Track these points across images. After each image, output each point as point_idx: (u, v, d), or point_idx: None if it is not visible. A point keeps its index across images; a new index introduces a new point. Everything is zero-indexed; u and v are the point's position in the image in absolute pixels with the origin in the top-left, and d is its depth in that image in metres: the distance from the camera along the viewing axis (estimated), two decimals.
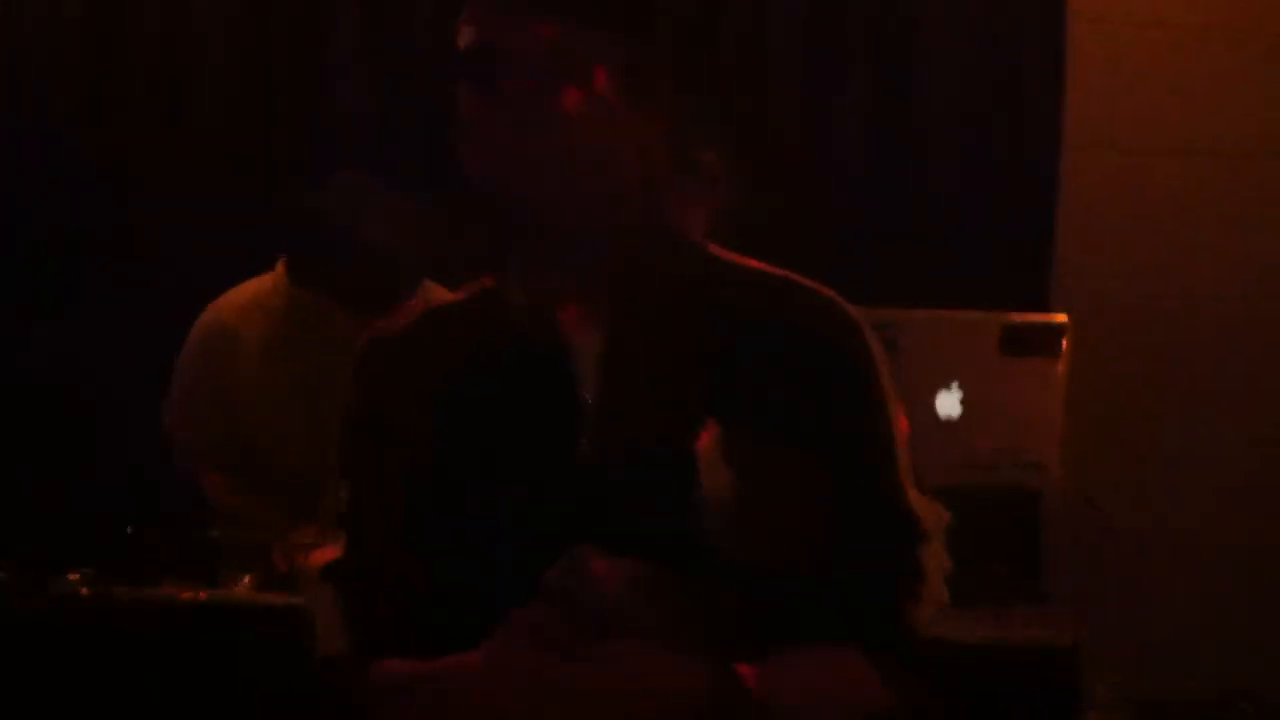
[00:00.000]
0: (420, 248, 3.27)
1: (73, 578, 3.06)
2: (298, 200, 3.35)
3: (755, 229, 1.66)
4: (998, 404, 3.53)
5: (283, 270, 3.41)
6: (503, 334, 1.62)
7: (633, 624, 1.47)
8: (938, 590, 1.62)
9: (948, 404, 3.51)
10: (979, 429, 3.51)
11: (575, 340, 1.60)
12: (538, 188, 1.56)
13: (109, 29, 4.10)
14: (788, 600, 1.55)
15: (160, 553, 3.11)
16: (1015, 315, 3.61)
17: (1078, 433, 3.56)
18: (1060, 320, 3.61)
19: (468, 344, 1.65)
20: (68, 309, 4.02)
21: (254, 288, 3.46)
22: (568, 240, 1.60)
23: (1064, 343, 3.54)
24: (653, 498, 1.55)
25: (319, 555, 2.79)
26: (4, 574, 3.07)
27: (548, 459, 1.58)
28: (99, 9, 4.10)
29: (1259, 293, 4.34)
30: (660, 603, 1.49)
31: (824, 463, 1.57)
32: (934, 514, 1.63)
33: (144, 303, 3.97)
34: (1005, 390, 3.52)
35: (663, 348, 1.60)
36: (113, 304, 4.00)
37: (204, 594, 3.05)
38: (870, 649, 1.57)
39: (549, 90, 1.54)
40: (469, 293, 1.70)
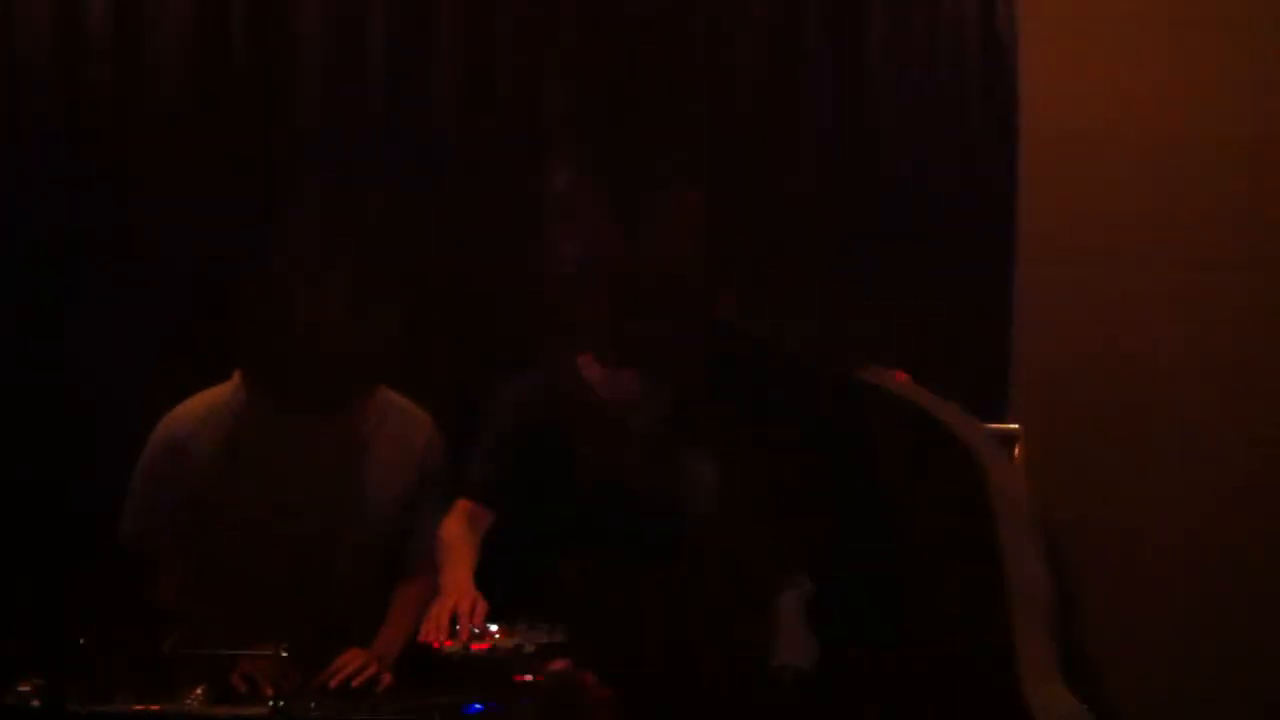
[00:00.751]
0: (374, 353, 3.38)
1: (24, 689, 2.97)
2: (251, 309, 3.41)
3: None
4: None
5: (239, 379, 3.48)
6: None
7: None
8: None
9: None
10: None
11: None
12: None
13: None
14: None
15: (113, 664, 3.05)
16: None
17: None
18: (1013, 428, 3.59)
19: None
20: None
21: (209, 398, 3.51)
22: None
23: (1017, 449, 3.51)
24: None
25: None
26: None
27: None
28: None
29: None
30: None
31: None
32: None
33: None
34: None
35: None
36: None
37: (156, 706, 2.99)
38: None
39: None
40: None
